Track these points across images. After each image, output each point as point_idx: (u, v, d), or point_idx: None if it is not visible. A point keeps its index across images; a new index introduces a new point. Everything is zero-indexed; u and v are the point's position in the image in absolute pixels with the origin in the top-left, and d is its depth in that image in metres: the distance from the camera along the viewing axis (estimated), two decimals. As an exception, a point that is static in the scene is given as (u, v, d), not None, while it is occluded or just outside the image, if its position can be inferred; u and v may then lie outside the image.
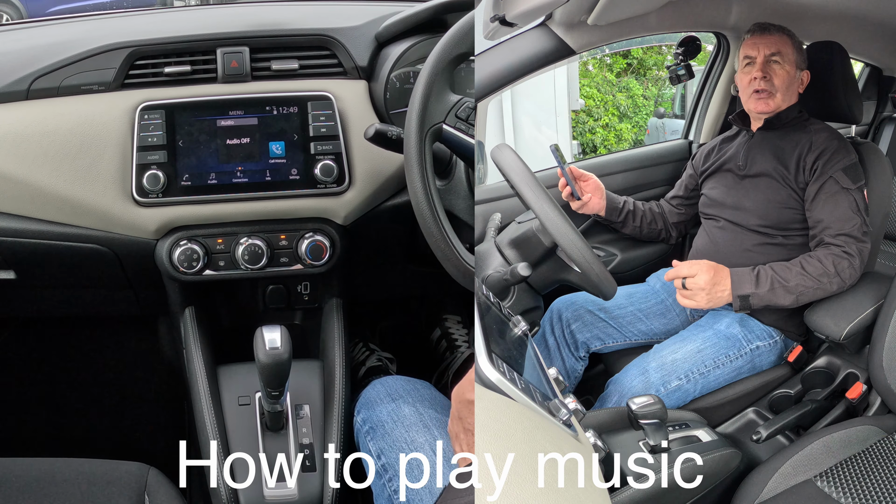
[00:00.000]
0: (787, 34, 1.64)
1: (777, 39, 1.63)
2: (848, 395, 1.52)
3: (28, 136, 1.28)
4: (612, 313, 1.73)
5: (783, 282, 1.49)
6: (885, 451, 1.32)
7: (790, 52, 1.62)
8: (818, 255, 1.52)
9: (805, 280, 1.50)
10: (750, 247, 1.65)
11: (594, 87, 7.03)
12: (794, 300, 1.51)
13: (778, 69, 1.62)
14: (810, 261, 1.52)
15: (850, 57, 1.71)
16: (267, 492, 1.20)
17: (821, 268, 1.50)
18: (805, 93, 1.68)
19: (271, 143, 1.32)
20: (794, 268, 1.51)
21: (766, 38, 1.63)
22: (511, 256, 1.46)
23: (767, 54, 1.62)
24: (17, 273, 1.39)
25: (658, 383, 1.51)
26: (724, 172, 1.74)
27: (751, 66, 1.64)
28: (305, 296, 1.47)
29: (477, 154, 1.17)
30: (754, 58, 1.64)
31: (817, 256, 1.52)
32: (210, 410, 1.26)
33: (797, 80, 1.65)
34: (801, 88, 1.66)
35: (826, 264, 1.50)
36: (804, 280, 1.50)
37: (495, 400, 0.80)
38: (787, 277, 1.50)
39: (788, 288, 1.49)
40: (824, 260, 1.51)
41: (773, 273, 1.51)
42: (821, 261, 1.51)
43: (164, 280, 1.38)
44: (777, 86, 1.62)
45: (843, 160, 1.57)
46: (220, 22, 1.50)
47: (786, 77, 1.62)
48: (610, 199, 1.83)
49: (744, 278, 1.51)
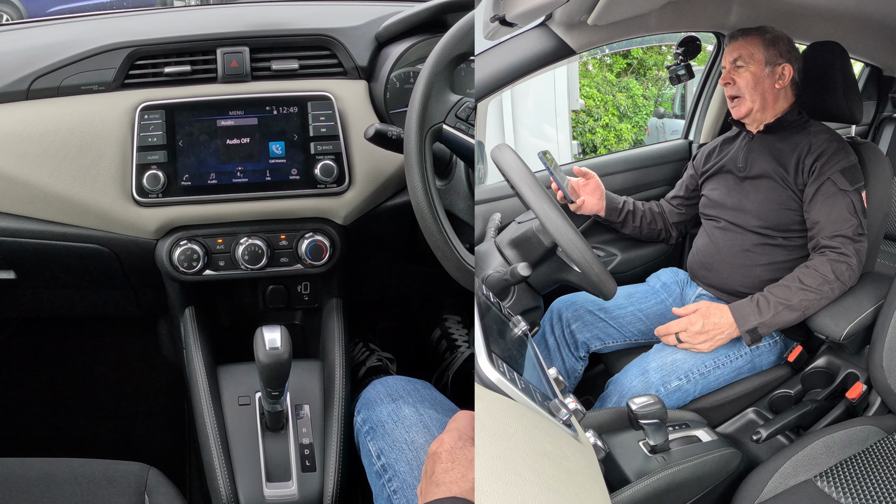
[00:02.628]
0: (756, 34, 1.64)
1: (740, 44, 1.64)
2: (848, 395, 1.52)
3: (28, 136, 1.28)
4: (612, 313, 1.73)
5: (786, 303, 1.50)
6: (885, 451, 1.32)
7: (757, 51, 1.62)
8: (814, 265, 1.52)
9: (807, 294, 1.50)
10: (750, 247, 1.65)
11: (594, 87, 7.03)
12: (801, 315, 1.52)
13: (742, 72, 1.63)
14: (807, 272, 1.52)
15: (850, 57, 1.71)
16: (267, 492, 1.20)
17: (820, 277, 1.50)
18: (805, 93, 1.67)
19: (271, 143, 1.32)
20: (794, 284, 1.51)
21: (731, 46, 1.66)
22: (511, 256, 1.46)
23: (731, 61, 1.65)
24: (17, 273, 1.39)
25: (658, 383, 1.51)
26: (725, 174, 1.74)
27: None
28: (305, 296, 1.47)
29: (477, 154, 1.17)
30: (724, 67, 1.67)
31: (814, 266, 1.52)
32: (210, 410, 1.26)
33: (768, 76, 1.63)
34: (782, 83, 1.64)
35: (824, 272, 1.50)
36: (806, 295, 1.50)
37: (495, 400, 0.80)
38: (788, 297, 1.50)
39: (792, 307, 1.50)
40: (821, 268, 1.51)
41: (774, 298, 1.51)
42: (818, 270, 1.51)
43: (164, 280, 1.38)
44: (742, 87, 1.63)
45: (842, 162, 1.57)
46: (220, 22, 1.50)
47: (750, 78, 1.62)
48: (610, 200, 1.83)
49: (745, 311, 1.51)
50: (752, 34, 1.64)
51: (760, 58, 1.62)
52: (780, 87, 1.64)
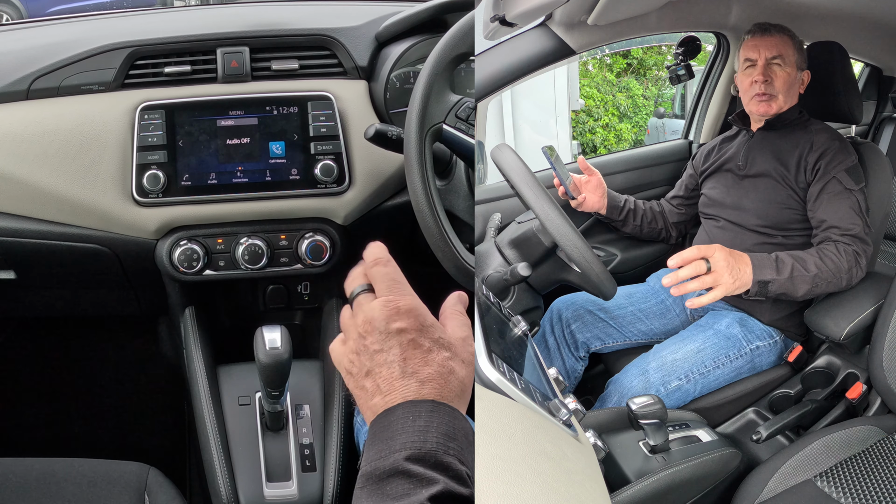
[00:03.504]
0: (787, 35, 1.63)
1: (778, 41, 1.62)
2: (848, 395, 1.52)
3: (28, 136, 1.28)
4: (612, 313, 1.73)
5: (803, 270, 1.44)
6: (885, 451, 1.32)
7: (791, 53, 1.62)
8: (833, 250, 1.48)
9: (822, 271, 1.45)
10: (750, 246, 1.65)
11: (594, 87, 7.04)
12: (809, 290, 1.45)
13: (779, 71, 1.61)
14: (827, 252, 1.47)
15: (850, 57, 1.71)
16: (267, 492, 1.20)
17: (837, 262, 1.46)
18: (805, 93, 1.68)
19: (271, 143, 1.32)
20: (812, 257, 1.46)
21: (766, 39, 1.62)
22: (511, 256, 1.46)
23: (769, 57, 1.61)
24: (17, 273, 1.39)
25: (658, 383, 1.51)
26: (724, 172, 1.74)
27: (752, 69, 1.64)
28: (305, 296, 1.47)
29: (477, 154, 1.17)
30: (755, 60, 1.63)
31: (832, 251, 1.48)
32: (210, 410, 1.26)
33: (798, 81, 1.65)
34: (801, 89, 1.66)
35: (841, 261, 1.46)
36: (821, 271, 1.44)
37: (495, 400, 0.80)
38: (807, 266, 1.44)
39: (807, 278, 1.43)
40: (839, 256, 1.47)
41: (793, 261, 1.44)
42: (836, 255, 1.47)
43: (164, 280, 1.38)
44: (778, 88, 1.62)
45: (846, 161, 1.57)
46: (220, 22, 1.50)
47: (787, 79, 1.62)
48: (611, 198, 1.83)
49: (764, 263, 1.43)
50: (784, 32, 1.63)
51: (793, 60, 1.62)
52: (801, 93, 1.65)
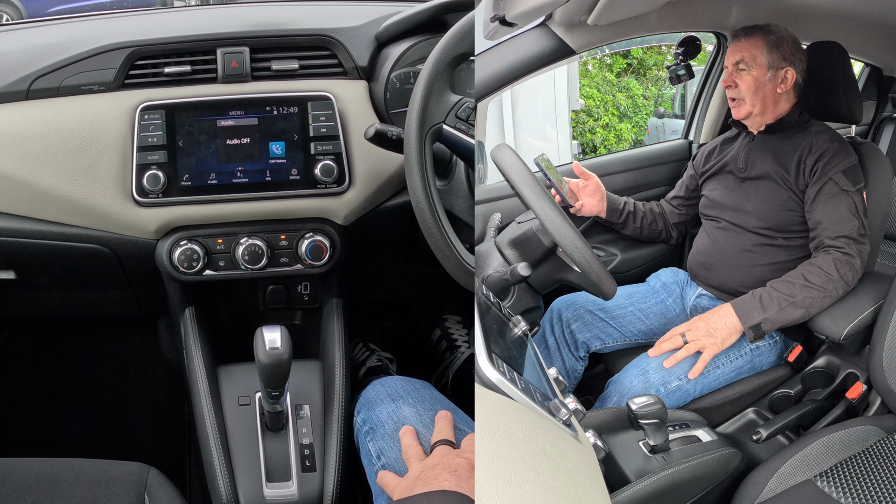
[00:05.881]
0: (760, 35, 1.62)
1: (744, 45, 1.63)
2: (848, 395, 1.52)
3: (28, 136, 1.28)
4: (612, 313, 1.73)
5: (790, 298, 1.49)
6: (885, 451, 1.32)
7: (759, 54, 1.61)
8: (818, 263, 1.51)
9: (811, 292, 1.49)
10: (750, 248, 1.65)
11: (594, 87, 7.04)
12: (805, 313, 1.50)
13: (744, 75, 1.62)
14: (812, 269, 1.51)
15: (850, 57, 1.71)
16: (267, 492, 1.20)
17: (824, 275, 1.49)
18: (805, 93, 1.67)
19: (271, 143, 1.32)
20: (798, 281, 1.50)
21: (735, 44, 1.65)
22: (511, 256, 1.46)
23: (733, 63, 1.64)
24: (17, 273, 1.39)
25: (658, 383, 1.51)
26: (725, 174, 1.74)
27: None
28: (305, 296, 1.47)
29: (477, 154, 1.17)
30: (727, 67, 1.66)
31: (818, 264, 1.51)
32: (210, 410, 1.26)
33: (769, 81, 1.62)
34: (783, 88, 1.63)
35: (829, 270, 1.49)
36: (810, 292, 1.49)
37: (495, 400, 0.80)
38: (792, 293, 1.49)
39: (796, 303, 1.49)
40: (826, 266, 1.50)
41: (776, 293, 1.49)
42: (822, 267, 1.50)
43: (164, 280, 1.38)
44: (743, 92, 1.63)
45: (843, 162, 1.57)
46: (220, 22, 1.50)
47: (751, 82, 1.62)
48: (610, 201, 1.83)
49: (749, 306, 1.50)
50: (756, 34, 1.63)
51: (763, 61, 1.61)
52: (782, 92, 1.64)
